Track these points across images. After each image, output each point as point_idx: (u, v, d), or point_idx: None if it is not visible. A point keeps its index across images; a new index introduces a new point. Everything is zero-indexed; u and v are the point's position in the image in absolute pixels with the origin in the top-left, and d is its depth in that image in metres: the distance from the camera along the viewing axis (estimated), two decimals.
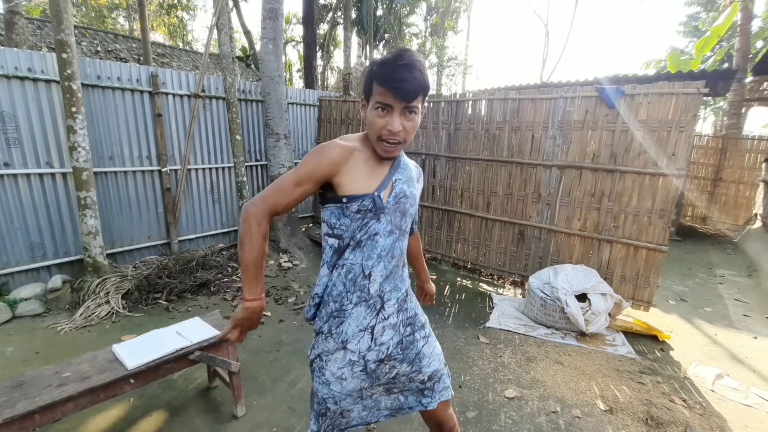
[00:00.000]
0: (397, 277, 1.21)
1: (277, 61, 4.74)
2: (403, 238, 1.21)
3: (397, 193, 1.16)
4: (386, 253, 1.16)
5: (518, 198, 4.08)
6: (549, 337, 3.27)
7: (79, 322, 3.27)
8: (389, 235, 1.15)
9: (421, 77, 1.03)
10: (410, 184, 1.21)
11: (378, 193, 1.11)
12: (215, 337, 2.09)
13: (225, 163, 4.93)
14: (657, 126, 3.24)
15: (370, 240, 1.13)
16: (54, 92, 3.49)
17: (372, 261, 1.14)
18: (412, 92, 1.02)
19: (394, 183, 1.16)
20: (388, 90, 1.02)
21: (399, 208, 1.16)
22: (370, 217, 1.12)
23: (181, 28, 19.29)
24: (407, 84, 1.01)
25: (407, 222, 1.21)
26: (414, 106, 1.05)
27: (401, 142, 1.08)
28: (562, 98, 3.61)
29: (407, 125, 1.07)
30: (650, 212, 3.39)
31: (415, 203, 1.23)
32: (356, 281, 1.15)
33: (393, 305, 1.20)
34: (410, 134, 1.09)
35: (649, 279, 3.53)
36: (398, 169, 1.19)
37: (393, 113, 1.05)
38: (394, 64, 1.02)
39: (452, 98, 4.42)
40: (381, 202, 1.12)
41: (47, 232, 3.66)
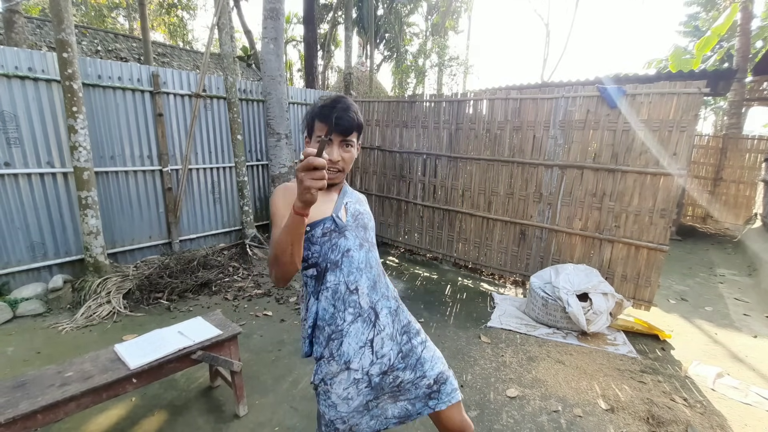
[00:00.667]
0: (382, 286, 1.28)
1: (278, 60, 4.73)
2: (373, 249, 1.29)
3: (352, 212, 1.26)
4: (364, 265, 1.22)
5: (519, 198, 4.08)
6: (550, 336, 3.27)
7: (80, 322, 3.27)
8: (360, 248, 1.23)
9: (356, 117, 1.18)
10: (361, 204, 1.33)
11: (336, 213, 1.22)
12: (218, 336, 2.09)
13: (226, 162, 4.93)
14: (658, 126, 3.24)
15: (345, 257, 1.20)
16: (55, 92, 3.49)
17: (353, 275, 1.20)
18: (348, 128, 1.17)
19: (346, 205, 1.27)
20: (328, 125, 1.14)
21: (360, 224, 1.26)
22: (336, 236, 1.20)
23: (181, 28, 19.28)
24: (344, 121, 1.15)
25: (370, 235, 1.30)
26: (350, 140, 1.19)
27: (341, 170, 1.21)
28: (563, 98, 3.61)
29: (345, 156, 1.20)
30: (651, 212, 3.40)
31: (371, 220, 1.34)
32: (345, 299, 1.19)
33: (386, 315, 1.26)
34: (348, 164, 1.22)
35: (650, 278, 3.54)
36: (346, 194, 1.30)
37: (333, 145, 1.17)
38: (333, 106, 1.17)
39: (453, 98, 4.42)
40: (341, 221, 1.22)
41: (48, 232, 3.66)
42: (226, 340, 2.12)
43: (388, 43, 14.64)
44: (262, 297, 3.92)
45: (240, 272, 4.40)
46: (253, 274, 4.41)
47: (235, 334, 2.15)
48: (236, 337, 2.17)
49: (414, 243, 5.21)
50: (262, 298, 3.91)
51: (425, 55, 12.43)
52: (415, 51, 14.02)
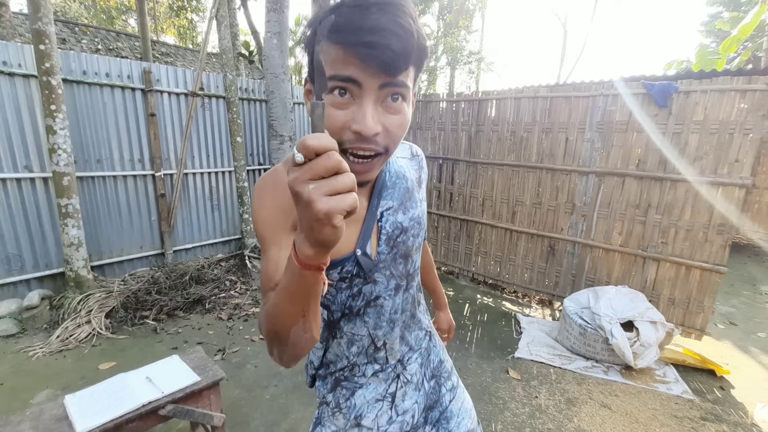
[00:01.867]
0: (416, 328, 0.93)
1: (282, 56, 4.37)
2: (414, 282, 0.87)
3: (389, 232, 0.76)
4: (399, 313, 0.84)
5: (548, 208, 3.63)
6: (589, 371, 2.82)
7: (54, 346, 2.91)
8: (396, 291, 0.81)
9: (413, 27, 0.55)
10: (407, 207, 0.79)
11: (361, 249, 0.73)
12: (194, 384, 1.69)
13: (225, 167, 4.56)
14: (717, 128, 2.78)
15: (372, 307, 0.80)
16: (33, 88, 3.16)
17: (382, 330, 0.83)
18: (398, 54, 0.54)
19: (380, 220, 0.75)
20: (352, 51, 0.54)
21: (399, 252, 0.78)
22: (360, 282, 0.76)
23: (190, 30, 19.18)
24: (388, 37, 0.53)
25: (415, 261, 0.85)
26: (402, 84, 0.58)
27: (381, 153, 0.62)
28: (602, 96, 3.17)
29: (391, 122, 0.60)
30: (706, 227, 2.93)
31: (421, 224, 0.83)
32: (368, 353, 0.85)
33: (416, 360, 0.93)
34: (397, 139, 0.63)
35: (703, 303, 3.07)
36: (384, 190, 0.76)
37: (362, 99, 0.57)
38: (360, 2, 0.55)
39: (474, 97, 4.00)
40: (369, 261, 0.74)
41: (26, 243, 3.31)
42: (204, 389, 1.72)
43: None
44: None
45: (237, 287, 4.02)
46: (252, 289, 4.02)
47: (217, 380, 1.75)
48: (218, 384, 1.77)
49: None
50: None
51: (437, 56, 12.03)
52: None
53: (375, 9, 0.53)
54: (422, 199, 0.88)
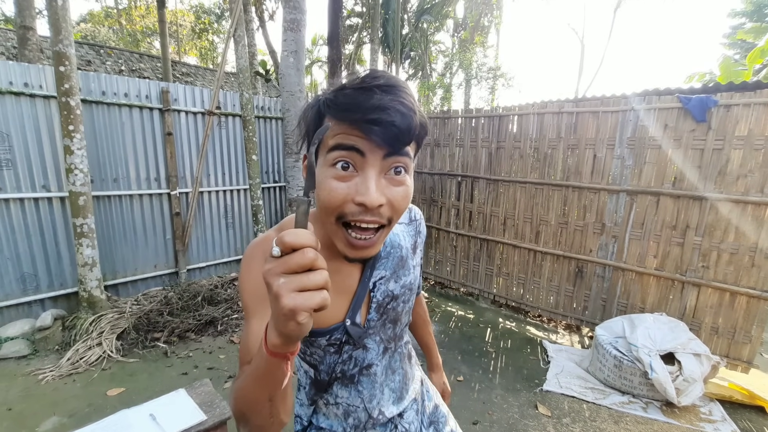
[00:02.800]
0: (409, 385, 0.90)
1: (299, 75, 4.36)
2: (400, 342, 0.85)
3: (380, 300, 0.75)
4: (386, 376, 0.83)
5: (575, 228, 3.44)
6: (626, 407, 2.58)
7: (64, 370, 2.83)
8: (384, 354, 0.81)
9: (414, 107, 0.57)
10: (399, 275, 0.79)
11: (351, 320, 0.72)
12: (200, 423, 1.56)
13: (240, 185, 4.53)
14: (763, 143, 2.58)
15: (365, 376, 0.79)
16: (53, 109, 3.18)
17: (377, 397, 0.81)
18: (402, 130, 0.54)
19: (373, 290, 0.75)
20: (357, 127, 0.54)
21: (389, 318, 0.78)
22: (350, 349, 0.75)
23: (211, 51, 19.83)
24: (392, 114, 0.53)
25: (405, 322, 0.85)
26: (405, 155, 0.58)
27: (384, 225, 0.60)
28: (632, 110, 3.00)
29: (395, 194, 0.59)
30: (753, 250, 2.70)
31: (413, 290, 0.83)
32: (361, 422, 0.81)
33: (411, 408, 0.90)
34: (401, 211, 0.61)
35: (751, 333, 2.81)
36: (379, 259, 0.76)
37: (366, 170, 0.56)
38: (364, 85, 0.56)
39: (494, 113, 3.88)
40: (359, 330, 0.74)
41: (42, 262, 3.29)
42: (210, 429, 1.59)
43: (413, 61, 14.36)
44: None
45: None
46: None
47: (224, 420, 1.61)
48: (225, 425, 1.64)
49: (445, 275, 4.61)
50: None
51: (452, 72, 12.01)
52: (441, 68, 13.66)
53: (378, 90, 0.55)
54: (416, 264, 0.87)
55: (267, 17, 9.73)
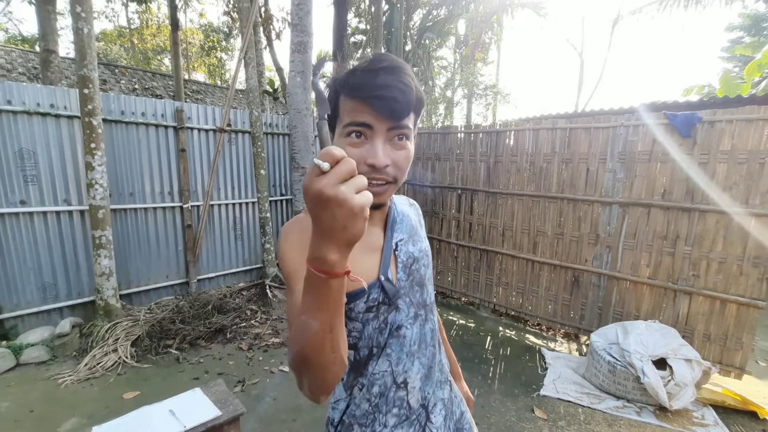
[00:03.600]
0: (437, 369, 0.90)
1: (305, 93, 4.57)
2: (431, 315, 0.89)
3: (404, 261, 0.84)
4: (418, 345, 0.85)
5: (571, 239, 3.57)
6: (620, 411, 2.67)
7: (82, 374, 2.98)
8: (415, 320, 0.84)
9: (412, 84, 0.71)
10: (415, 240, 0.88)
11: (384, 275, 0.79)
12: (215, 419, 1.70)
13: (248, 198, 4.72)
14: (746, 157, 2.72)
15: (394, 338, 0.81)
16: (76, 128, 3.39)
17: (403, 363, 0.83)
18: (402, 104, 0.68)
19: (396, 250, 0.83)
20: (365, 103, 0.68)
21: (415, 280, 0.84)
22: (386, 310, 0.80)
23: (219, 68, 20.38)
24: (393, 91, 0.67)
25: (429, 292, 0.90)
26: (405, 126, 0.71)
27: (391, 182, 0.73)
28: (622, 126, 3.16)
29: (398, 156, 0.72)
30: (740, 259, 2.81)
31: (430, 261, 0.91)
32: (388, 396, 0.82)
33: (440, 411, 0.89)
34: (403, 170, 0.75)
35: (742, 340, 2.90)
36: (396, 224, 0.86)
37: (374, 139, 0.70)
38: (370, 68, 0.70)
39: (492, 128, 4.05)
40: (392, 286, 0.80)
41: (61, 272, 3.47)
42: (225, 423, 1.72)
43: (416, 76, 14.66)
44: (279, 347, 3.53)
45: (258, 316, 4.05)
46: (272, 318, 4.05)
47: (237, 415, 1.75)
48: (238, 420, 1.77)
49: (447, 285, 4.73)
50: (280, 348, 3.52)
51: (453, 88, 12.28)
52: (443, 83, 13.95)
53: (382, 72, 0.68)
54: (425, 237, 0.94)
55: (274, 36, 10.06)
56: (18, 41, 13.80)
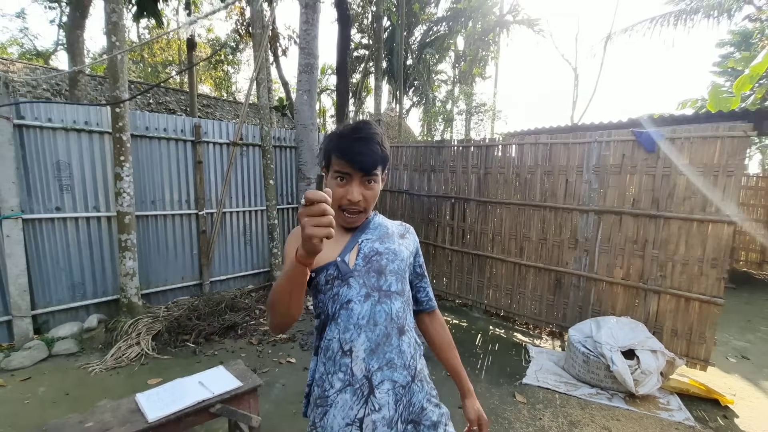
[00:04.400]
0: (389, 350, 1.01)
1: (311, 110, 4.97)
2: (387, 301, 1.05)
3: (366, 252, 1.08)
4: (366, 321, 1.01)
5: (553, 243, 3.91)
6: (594, 397, 2.98)
7: (109, 363, 3.31)
8: (366, 299, 1.02)
9: (379, 149, 1.04)
10: (384, 240, 1.13)
11: (342, 258, 1.06)
12: (237, 388, 2.03)
13: (258, 206, 5.08)
14: (702, 170, 3.07)
15: (344, 309, 1.02)
16: (106, 142, 3.78)
17: (350, 333, 1.00)
18: (369, 164, 1.03)
19: (360, 244, 1.10)
20: (347, 161, 1.02)
21: (372, 268, 1.06)
22: (338, 284, 1.04)
23: (226, 81, 20.99)
24: (365, 156, 1.02)
25: (389, 281, 1.07)
26: (374, 174, 1.05)
27: (362, 211, 1.08)
28: (596, 142, 3.52)
29: (367, 194, 1.06)
30: (701, 261, 3.14)
31: (397, 259, 1.11)
32: (335, 359, 1.00)
33: (387, 393, 0.99)
34: (371, 203, 1.09)
35: (704, 334, 3.21)
36: (366, 230, 1.14)
37: (352, 182, 1.04)
38: (351, 137, 1.04)
39: (482, 143, 4.42)
40: (346, 266, 1.05)
41: (89, 273, 3.82)
42: (245, 393, 2.05)
43: (416, 90, 15.18)
44: (286, 342, 3.85)
45: (266, 315, 4.38)
46: None
47: (255, 386, 2.08)
48: (256, 390, 2.10)
49: (442, 288, 5.05)
50: (287, 343, 3.84)
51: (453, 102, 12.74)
52: (442, 97, 14.44)
53: (360, 141, 1.03)
54: (402, 244, 1.17)
55: (280, 53, 10.57)
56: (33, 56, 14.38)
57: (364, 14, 13.92)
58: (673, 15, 9.63)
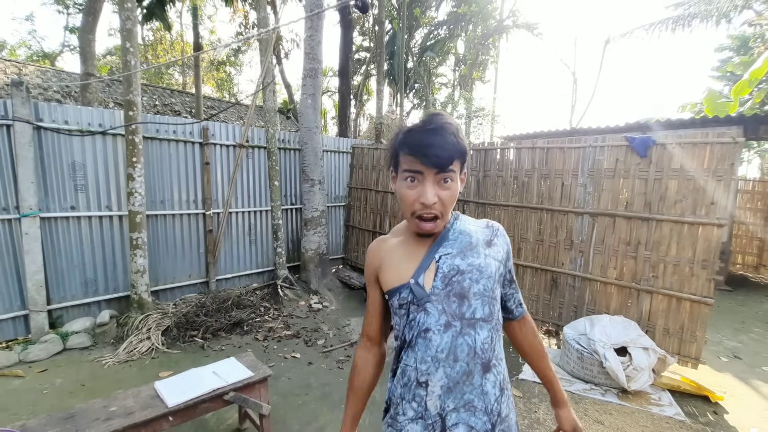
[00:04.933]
0: (469, 391, 0.91)
1: (315, 114, 5.11)
2: (471, 332, 0.92)
3: (445, 272, 0.93)
4: (445, 355, 0.90)
5: (550, 244, 4.03)
6: (587, 392, 3.10)
7: (121, 357, 3.44)
8: (446, 329, 0.91)
9: (455, 141, 0.90)
10: (466, 254, 0.95)
11: (415, 279, 0.93)
12: (249, 378, 2.16)
13: (263, 206, 5.21)
14: (693, 175, 3.20)
15: (421, 338, 0.92)
16: (119, 144, 3.91)
17: (427, 365, 0.91)
18: (444, 159, 0.88)
19: (438, 261, 0.95)
20: (417, 157, 0.89)
21: (453, 291, 0.92)
22: (414, 309, 0.93)
23: (228, 82, 21.16)
24: (437, 150, 0.88)
25: (473, 307, 0.93)
26: (450, 171, 0.90)
27: (438, 216, 0.92)
28: (591, 147, 3.65)
29: (443, 195, 0.90)
30: (691, 262, 3.26)
31: (483, 277, 0.95)
32: (411, 387, 0.94)
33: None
34: (449, 206, 0.93)
35: (696, 333, 3.33)
36: (444, 241, 0.97)
37: (425, 182, 0.90)
38: (422, 129, 0.91)
39: (481, 146, 4.55)
40: (422, 290, 0.92)
41: (101, 270, 3.95)
42: (256, 382, 2.18)
43: (417, 93, 15.33)
44: (291, 338, 3.98)
45: (271, 312, 4.51)
46: (283, 315, 4.50)
47: (266, 376, 2.21)
48: (266, 380, 2.23)
49: None
50: (291, 339, 3.97)
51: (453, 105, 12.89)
52: (443, 100, 14.59)
53: (431, 132, 0.90)
54: (489, 255, 0.98)
55: (283, 55, 10.72)
56: (40, 57, 14.57)
57: (365, 17, 14.09)
58: (671, 20, 9.76)
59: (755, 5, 9.02)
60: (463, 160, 0.93)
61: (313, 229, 5.27)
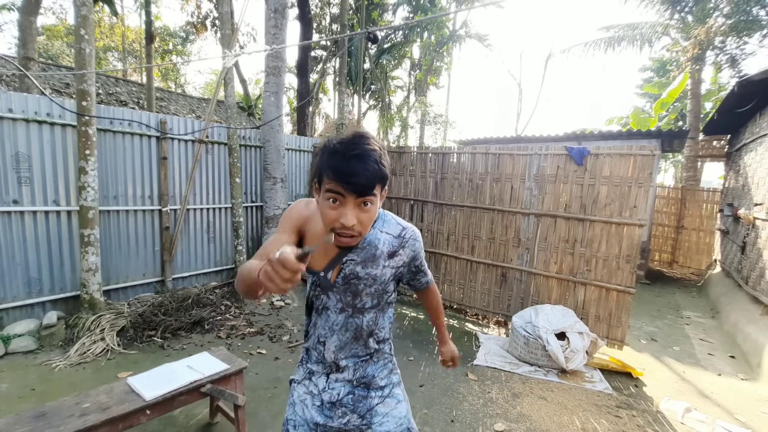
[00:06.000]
0: (356, 347, 1.20)
1: (278, 111, 5.13)
2: (360, 315, 1.16)
3: (346, 274, 1.11)
4: (339, 327, 1.17)
5: (500, 242, 4.41)
6: (533, 374, 3.47)
7: (74, 359, 3.28)
8: (340, 312, 1.15)
9: (377, 168, 0.94)
10: (367, 264, 1.11)
11: (325, 273, 1.12)
12: (225, 370, 2.23)
13: (223, 203, 5.13)
14: (619, 181, 3.69)
15: (324, 311, 1.17)
16: (68, 135, 3.70)
17: (325, 331, 1.18)
18: (366, 186, 0.93)
19: (343, 264, 1.11)
20: (339, 183, 0.92)
21: (349, 289, 1.13)
22: (320, 291, 1.15)
23: (174, 72, 20.04)
24: (360, 178, 0.91)
25: (363, 301, 1.15)
26: (370, 195, 0.95)
27: (356, 235, 0.98)
28: (536, 154, 4.06)
29: (362, 218, 0.97)
30: (618, 257, 3.76)
31: (376, 283, 1.14)
32: (315, 343, 1.22)
33: (350, 368, 1.21)
34: (367, 226, 1.00)
35: (621, 319, 3.83)
36: (356, 249, 1.11)
37: (346, 205, 0.94)
38: (346, 154, 0.93)
39: (439, 150, 4.85)
40: (327, 282, 1.12)
41: (46, 268, 3.72)
42: (233, 374, 2.25)
43: (374, 94, 15.56)
44: (255, 335, 4.01)
45: (232, 311, 4.48)
46: (245, 313, 4.50)
47: (242, 368, 2.29)
48: (242, 372, 2.31)
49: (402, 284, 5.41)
50: (255, 336, 4.00)
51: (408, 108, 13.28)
52: (399, 102, 14.96)
53: (355, 159, 0.92)
54: (388, 266, 1.14)
55: (239, 49, 10.43)
56: None
57: (323, 15, 14.07)
58: (604, 41, 10.82)
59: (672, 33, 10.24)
60: (384, 183, 0.99)
61: (275, 227, 5.28)
